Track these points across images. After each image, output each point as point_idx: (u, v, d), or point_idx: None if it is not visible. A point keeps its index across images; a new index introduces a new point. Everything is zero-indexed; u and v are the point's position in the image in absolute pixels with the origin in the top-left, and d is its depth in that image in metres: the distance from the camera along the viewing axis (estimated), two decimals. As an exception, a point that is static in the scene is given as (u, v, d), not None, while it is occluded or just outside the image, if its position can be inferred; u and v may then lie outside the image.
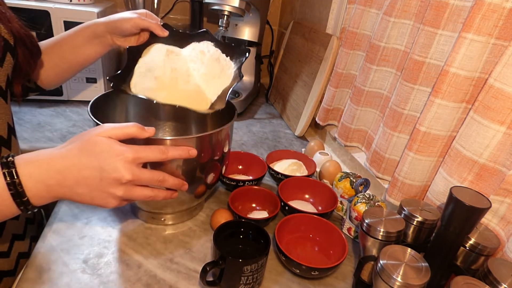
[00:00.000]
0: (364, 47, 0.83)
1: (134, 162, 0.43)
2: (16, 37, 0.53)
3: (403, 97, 0.67)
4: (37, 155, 0.42)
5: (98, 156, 0.41)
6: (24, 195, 0.40)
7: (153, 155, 0.45)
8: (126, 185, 0.43)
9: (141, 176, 0.44)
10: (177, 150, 0.47)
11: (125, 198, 0.44)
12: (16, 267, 0.57)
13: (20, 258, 0.58)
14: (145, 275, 0.52)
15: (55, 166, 0.41)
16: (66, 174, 0.41)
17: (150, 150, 0.44)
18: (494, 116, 0.49)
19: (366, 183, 0.68)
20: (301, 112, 1.02)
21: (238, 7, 0.98)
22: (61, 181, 0.41)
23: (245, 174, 0.79)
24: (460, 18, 0.57)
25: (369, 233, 0.50)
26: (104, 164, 0.41)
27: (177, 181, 0.49)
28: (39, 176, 0.40)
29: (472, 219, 0.44)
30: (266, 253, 0.50)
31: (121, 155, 0.42)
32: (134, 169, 0.43)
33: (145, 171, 0.44)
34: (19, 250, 0.57)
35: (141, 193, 0.45)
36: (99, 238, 0.58)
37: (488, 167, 0.51)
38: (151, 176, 0.45)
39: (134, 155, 0.42)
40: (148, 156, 0.44)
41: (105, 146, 0.42)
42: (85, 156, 0.42)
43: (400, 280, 0.41)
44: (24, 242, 0.59)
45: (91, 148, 0.42)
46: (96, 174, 0.41)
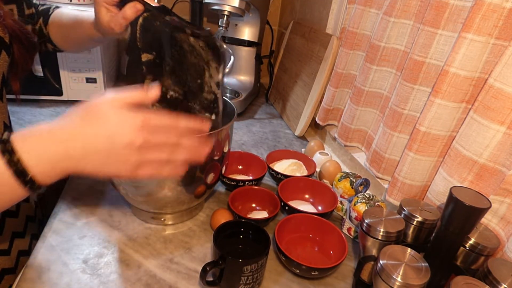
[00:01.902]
0: (364, 47, 0.83)
1: (144, 127, 0.39)
2: (11, 34, 0.52)
3: (403, 97, 0.67)
4: (36, 129, 0.38)
5: (105, 123, 0.38)
6: (27, 173, 0.36)
7: (164, 121, 0.40)
8: (139, 151, 0.39)
9: (153, 139, 0.40)
10: (189, 121, 0.43)
11: (139, 163, 0.40)
12: (17, 265, 0.57)
13: (21, 256, 0.58)
14: (145, 275, 0.52)
15: (58, 137, 0.37)
16: (71, 145, 0.37)
17: (159, 116, 0.40)
18: (494, 116, 0.49)
19: (366, 183, 0.68)
20: (301, 112, 1.02)
21: (238, 7, 0.98)
22: (66, 154, 0.37)
23: (245, 174, 0.79)
24: (460, 18, 0.57)
25: (369, 233, 0.50)
26: (112, 130, 0.38)
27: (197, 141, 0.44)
28: (40, 151, 0.37)
29: (472, 219, 0.44)
30: (266, 253, 0.50)
31: (129, 120, 0.38)
32: (145, 132, 0.39)
33: (157, 134, 0.40)
34: (19, 248, 0.57)
35: (157, 156, 0.41)
36: (99, 238, 0.58)
37: (488, 167, 0.51)
38: (164, 137, 0.41)
39: (143, 119, 0.39)
40: (158, 121, 0.40)
41: (111, 113, 0.38)
42: (90, 125, 0.38)
43: (400, 280, 0.41)
44: (25, 240, 0.59)
45: (95, 115, 0.38)
46: (105, 141, 0.38)
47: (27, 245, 0.60)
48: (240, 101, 1.12)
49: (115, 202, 0.66)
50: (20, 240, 0.58)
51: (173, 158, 0.42)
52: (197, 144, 0.44)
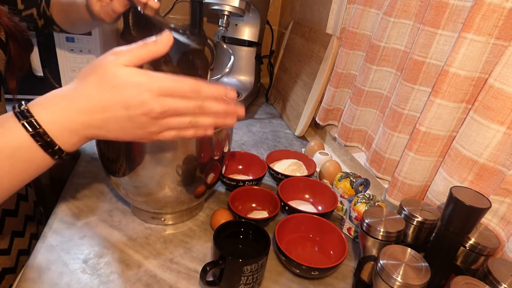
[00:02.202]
0: (364, 47, 0.83)
1: (162, 93, 0.37)
2: (6, 32, 0.52)
3: (403, 97, 0.67)
4: (51, 98, 0.37)
5: (121, 90, 0.36)
6: (55, 144, 0.36)
7: (184, 88, 0.38)
8: (159, 119, 0.38)
9: (173, 105, 0.37)
10: (211, 87, 0.40)
11: (159, 129, 0.39)
12: (17, 264, 0.57)
13: (21, 255, 0.58)
14: (145, 275, 0.52)
15: (75, 107, 0.36)
16: (90, 115, 0.37)
17: (180, 82, 0.38)
18: (494, 116, 0.49)
19: (366, 183, 0.68)
20: (301, 112, 1.02)
21: (238, 7, 0.98)
22: (86, 124, 0.37)
23: (245, 174, 0.79)
24: (460, 18, 0.57)
25: (369, 233, 0.50)
26: (128, 99, 0.36)
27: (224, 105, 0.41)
28: (61, 122, 0.36)
29: (472, 219, 0.44)
30: (266, 253, 0.50)
31: (145, 85, 0.36)
32: (163, 99, 0.37)
33: (177, 99, 0.38)
34: (19, 247, 0.57)
35: (179, 121, 0.39)
36: (99, 238, 0.58)
37: (488, 167, 0.51)
38: (185, 103, 0.38)
39: (161, 84, 0.37)
40: (178, 88, 0.38)
41: (126, 77, 0.36)
42: (106, 92, 0.36)
43: (400, 280, 0.41)
44: (24, 239, 0.59)
45: (111, 81, 0.36)
46: (122, 111, 0.37)
47: (26, 245, 0.60)
48: (240, 101, 1.11)
49: (115, 202, 0.66)
50: (20, 239, 0.58)
51: (196, 122, 0.40)
52: (224, 108, 0.41)
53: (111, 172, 0.56)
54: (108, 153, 0.54)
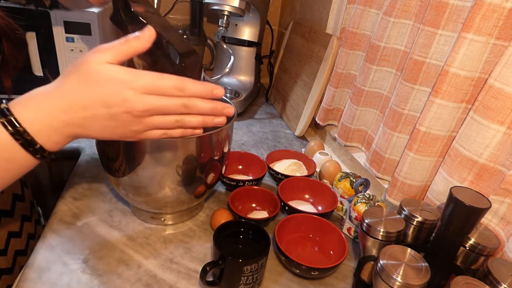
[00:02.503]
0: (364, 47, 0.83)
1: (144, 91, 0.36)
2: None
3: (403, 97, 0.67)
4: (33, 96, 0.36)
5: (102, 88, 0.35)
6: (35, 143, 0.35)
7: (167, 86, 0.37)
8: (142, 117, 0.37)
9: (156, 103, 0.36)
10: (198, 86, 0.38)
11: (143, 128, 0.38)
12: (14, 265, 0.57)
13: (18, 256, 0.57)
14: (145, 275, 0.52)
15: (57, 105, 0.36)
16: (71, 113, 0.36)
17: (162, 77, 0.37)
18: (494, 116, 0.49)
19: (366, 183, 0.68)
20: (301, 112, 1.02)
21: (238, 7, 0.98)
22: (67, 122, 0.36)
23: (245, 174, 0.79)
24: (460, 18, 0.57)
25: (369, 233, 0.50)
26: (110, 97, 0.35)
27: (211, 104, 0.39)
28: (43, 120, 0.35)
29: (472, 219, 0.44)
30: (266, 253, 0.50)
31: (128, 83, 0.35)
32: (146, 97, 0.36)
33: (161, 97, 0.36)
34: (16, 247, 0.57)
35: (163, 121, 0.38)
36: (99, 238, 0.58)
37: (488, 167, 0.51)
38: (170, 101, 0.37)
39: (143, 81, 0.36)
40: (161, 84, 0.36)
41: (108, 75, 0.35)
42: (87, 90, 0.35)
43: (400, 280, 0.41)
44: (21, 240, 0.59)
45: (93, 79, 0.35)
46: (103, 110, 0.36)
47: (24, 245, 0.60)
48: (240, 101, 1.11)
49: (115, 202, 0.66)
50: (16, 240, 0.58)
51: (182, 122, 0.39)
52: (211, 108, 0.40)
53: (111, 172, 0.56)
54: (108, 153, 0.54)
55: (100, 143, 0.54)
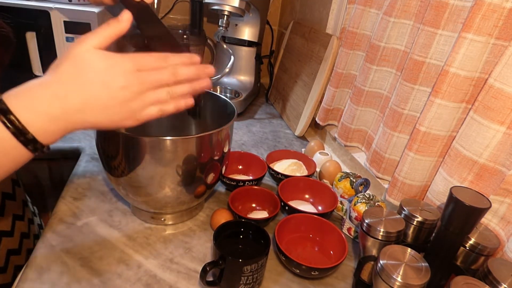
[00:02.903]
0: (364, 47, 0.83)
1: (136, 69, 0.38)
2: None
3: (403, 97, 0.67)
4: (26, 86, 0.36)
5: (96, 71, 0.37)
6: (27, 132, 0.34)
7: (153, 60, 0.40)
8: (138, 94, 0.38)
9: (149, 78, 0.39)
10: (179, 56, 0.42)
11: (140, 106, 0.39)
12: (7, 264, 0.57)
13: (10, 255, 0.57)
14: (145, 275, 0.52)
15: (51, 92, 0.36)
16: (68, 99, 0.36)
17: (148, 56, 0.40)
18: (494, 116, 0.49)
19: (366, 183, 0.68)
20: (301, 112, 1.02)
21: (238, 7, 0.98)
22: (65, 107, 0.36)
23: (245, 174, 0.79)
24: (460, 18, 0.57)
25: (369, 233, 0.50)
26: (105, 77, 0.37)
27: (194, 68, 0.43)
28: (36, 107, 0.35)
29: (472, 219, 0.44)
30: (266, 253, 0.50)
31: (119, 64, 0.37)
32: (139, 75, 0.38)
33: (151, 72, 0.39)
34: (8, 247, 0.57)
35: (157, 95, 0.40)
36: (99, 238, 0.58)
37: (488, 167, 0.51)
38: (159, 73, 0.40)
39: (133, 61, 0.38)
40: (148, 62, 0.39)
41: (99, 60, 0.37)
42: (81, 75, 0.36)
43: (400, 280, 0.41)
44: (13, 239, 0.59)
45: (85, 65, 0.37)
46: (101, 87, 0.37)
47: (16, 244, 0.59)
48: (240, 101, 1.11)
49: (115, 202, 0.66)
50: (8, 239, 0.58)
51: (175, 93, 0.41)
52: (195, 71, 0.43)
53: (111, 172, 0.56)
54: (108, 153, 0.54)
55: (100, 142, 0.54)
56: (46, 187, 0.92)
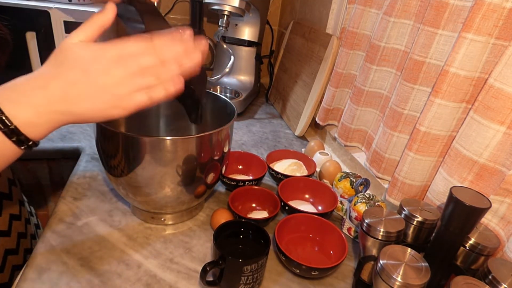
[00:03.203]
0: (364, 47, 0.83)
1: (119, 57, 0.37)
2: None
3: (403, 97, 0.67)
4: (12, 81, 0.36)
5: (78, 61, 0.36)
6: (10, 123, 0.34)
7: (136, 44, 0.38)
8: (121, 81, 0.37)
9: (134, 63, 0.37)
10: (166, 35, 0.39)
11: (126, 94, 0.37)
12: (4, 263, 0.56)
13: (8, 255, 0.57)
14: (145, 275, 0.52)
15: (36, 83, 0.36)
16: (49, 87, 0.35)
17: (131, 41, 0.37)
18: (494, 116, 0.49)
19: (366, 183, 0.68)
20: (301, 112, 1.02)
21: (238, 7, 0.98)
22: (47, 98, 0.35)
23: (245, 174, 0.79)
24: (460, 18, 0.57)
25: (369, 233, 0.50)
26: (87, 65, 0.36)
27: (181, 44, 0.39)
28: (20, 98, 0.35)
29: (472, 219, 0.44)
30: (266, 253, 0.50)
31: (102, 53, 0.36)
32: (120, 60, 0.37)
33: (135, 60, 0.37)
34: (5, 246, 0.57)
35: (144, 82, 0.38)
36: (99, 238, 0.58)
37: (488, 167, 0.51)
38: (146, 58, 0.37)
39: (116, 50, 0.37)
40: (131, 46, 0.37)
41: (82, 51, 0.36)
42: (63, 65, 0.36)
43: (400, 280, 0.41)
44: (10, 239, 0.59)
45: (67, 55, 0.36)
46: (81, 74, 0.36)
47: (14, 244, 0.59)
48: (240, 101, 1.11)
49: (115, 202, 0.66)
50: (6, 239, 0.57)
51: (162, 77, 0.39)
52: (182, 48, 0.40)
53: (111, 172, 0.56)
54: (108, 153, 0.54)
55: (100, 142, 0.54)
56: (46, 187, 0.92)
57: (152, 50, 0.38)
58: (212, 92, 0.70)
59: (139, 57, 0.37)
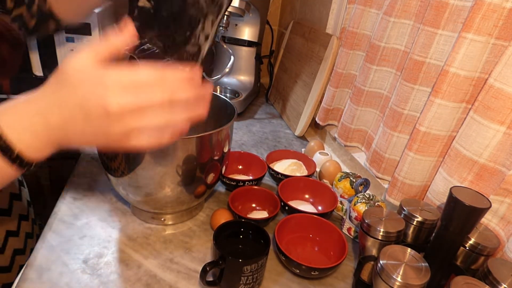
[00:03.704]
0: (364, 47, 0.83)
1: (120, 88, 0.33)
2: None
3: (403, 97, 0.67)
4: (14, 102, 0.35)
5: (76, 88, 0.33)
6: (13, 149, 0.33)
7: (145, 74, 0.33)
8: (120, 117, 0.33)
9: (134, 100, 0.32)
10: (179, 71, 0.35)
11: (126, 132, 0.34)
12: (12, 263, 0.57)
13: (16, 255, 0.57)
14: (145, 275, 0.52)
15: (34, 108, 0.34)
16: (47, 115, 0.34)
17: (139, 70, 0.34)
18: (494, 116, 0.49)
19: (366, 183, 0.68)
20: (301, 112, 1.02)
21: (238, 7, 0.98)
22: (46, 125, 0.34)
23: (245, 174, 0.79)
24: (460, 18, 0.57)
25: (369, 233, 0.50)
26: (84, 96, 0.33)
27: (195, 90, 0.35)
28: (21, 124, 0.34)
29: (472, 219, 0.44)
30: (266, 253, 0.50)
31: (100, 79, 0.32)
32: (122, 94, 0.32)
33: (139, 93, 0.33)
34: (14, 246, 0.57)
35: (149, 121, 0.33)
36: (99, 238, 0.58)
37: (488, 167, 0.51)
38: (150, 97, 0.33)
39: (117, 78, 0.33)
40: (138, 76, 0.33)
41: (81, 73, 0.33)
42: (63, 91, 0.34)
43: (400, 280, 0.41)
44: (19, 239, 0.59)
45: (68, 80, 0.34)
46: (78, 112, 0.33)
47: (22, 244, 0.60)
48: (240, 101, 1.11)
49: (115, 202, 0.66)
50: (15, 239, 0.58)
51: (171, 119, 0.34)
52: (195, 93, 0.36)
53: (111, 172, 0.56)
54: (108, 153, 0.54)
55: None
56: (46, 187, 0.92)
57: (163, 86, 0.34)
58: (212, 92, 0.70)
59: (146, 91, 0.33)
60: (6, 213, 0.57)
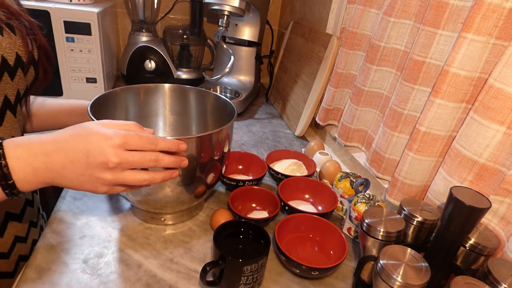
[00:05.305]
0: (364, 47, 0.83)
1: (122, 147, 0.41)
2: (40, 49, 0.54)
3: (403, 97, 0.67)
4: (28, 139, 0.41)
5: (86, 139, 0.41)
6: (10, 178, 0.39)
7: (142, 143, 0.42)
8: (115, 169, 0.41)
9: (130, 158, 0.41)
10: (167, 142, 0.45)
11: (115, 183, 0.42)
12: (16, 269, 0.57)
13: (21, 261, 0.57)
14: (145, 275, 0.52)
15: (44, 149, 0.40)
16: (53, 157, 0.40)
17: (139, 138, 0.42)
18: (494, 116, 0.49)
19: (366, 183, 0.68)
20: (301, 112, 1.02)
21: (238, 7, 0.98)
22: (48, 165, 0.40)
23: (245, 174, 0.79)
24: (460, 18, 0.57)
25: (369, 233, 0.50)
26: (90, 147, 0.40)
27: (174, 158, 0.46)
28: (26, 159, 0.39)
29: (472, 219, 0.44)
30: (266, 253, 0.50)
31: (108, 138, 0.41)
32: (122, 152, 0.41)
33: (135, 153, 0.42)
34: (20, 252, 0.57)
35: (133, 177, 0.43)
36: (99, 238, 0.58)
37: (488, 167, 0.51)
38: (142, 157, 0.42)
39: (122, 139, 0.41)
40: (137, 143, 0.42)
41: (94, 129, 0.41)
42: (74, 140, 0.41)
43: (400, 280, 0.41)
44: (26, 245, 0.59)
45: (81, 131, 0.41)
46: (82, 157, 0.40)
47: (28, 251, 0.60)
48: (240, 101, 1.12)
49: (115, 202, 0.66)
50: (22, 245, 0.58)
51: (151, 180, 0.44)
52: (175, 162, 0.46)
53: (111, 172, 0.56)
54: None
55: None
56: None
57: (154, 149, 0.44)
58: (212, 92, 0.70)
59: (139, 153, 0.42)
60: (17, 219, 0.57)
